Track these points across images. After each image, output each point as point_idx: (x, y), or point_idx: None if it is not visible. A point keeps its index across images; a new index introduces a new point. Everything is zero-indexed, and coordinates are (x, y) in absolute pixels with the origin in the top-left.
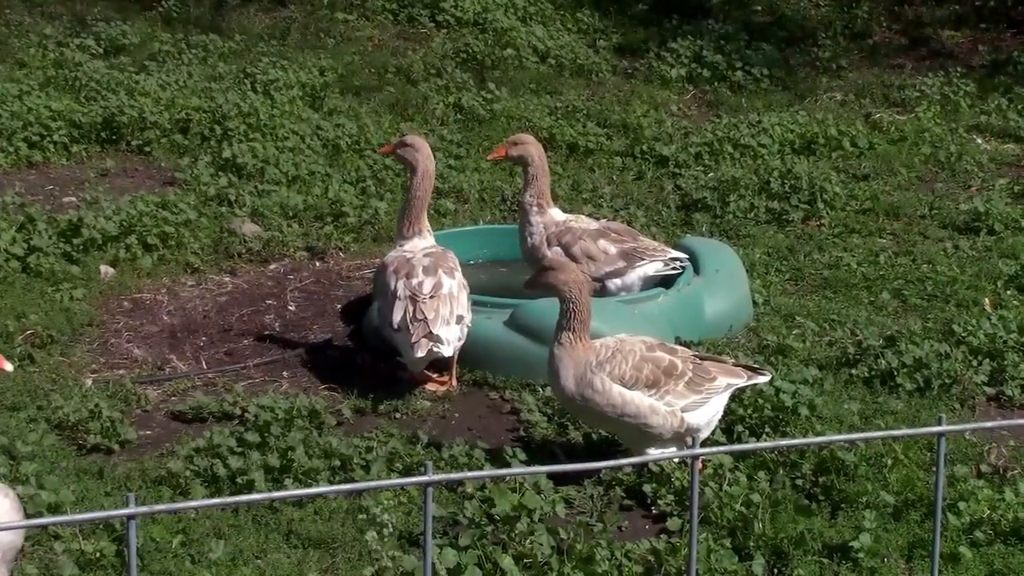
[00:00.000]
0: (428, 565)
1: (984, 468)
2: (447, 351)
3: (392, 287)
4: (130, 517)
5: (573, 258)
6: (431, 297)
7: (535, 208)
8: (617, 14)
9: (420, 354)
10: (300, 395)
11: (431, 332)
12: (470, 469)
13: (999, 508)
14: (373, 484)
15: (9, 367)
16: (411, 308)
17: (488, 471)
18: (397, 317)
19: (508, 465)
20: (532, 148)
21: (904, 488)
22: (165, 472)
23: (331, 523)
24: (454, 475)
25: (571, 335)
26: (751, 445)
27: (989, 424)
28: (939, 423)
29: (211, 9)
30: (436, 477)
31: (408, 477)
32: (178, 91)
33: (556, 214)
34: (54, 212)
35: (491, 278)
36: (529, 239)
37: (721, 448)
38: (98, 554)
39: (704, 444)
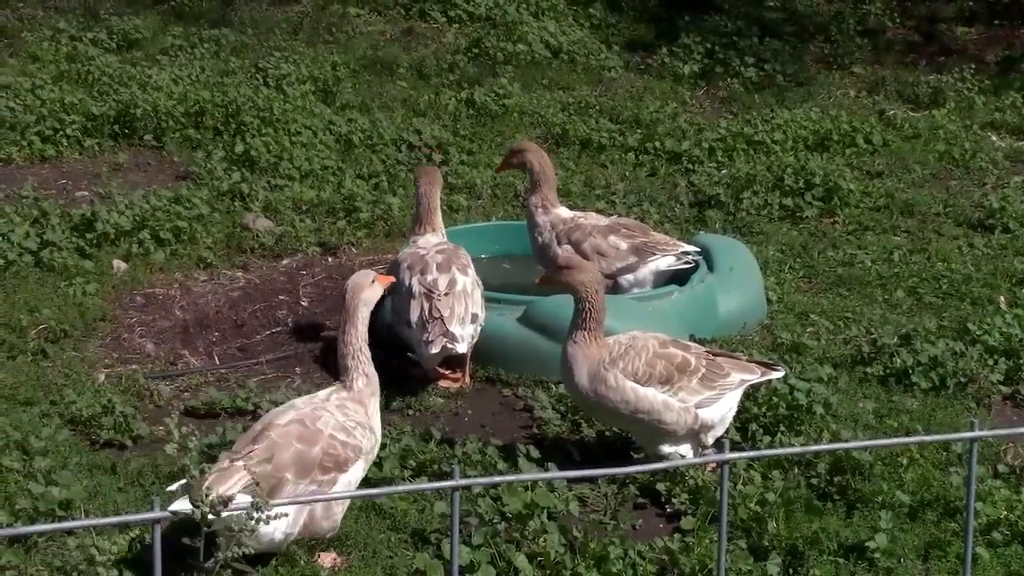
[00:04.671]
0: (455, 568)
1: (1001, 468)
2: (461, 348)
3: (407, 284)
4: (155, 522)
5: (583, 255)
6: (446, 294)
7: (540, 209)
8: (628, 9)
9: (435, 350)
10: (312, 391)
11: (448, 331)
12: (483, 466)
13: (1016, 509)
14: (401, 488)
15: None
16: (427, 305)
17: (515, 475)
18: (415, 315)
19: (518, 462)
20: (533, 155)
21: (920, 488)
22: (177, 468)
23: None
24: (482, 479)
25: (586, 334)
26: (783, 450)
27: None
28: (971, 428)
29: (222, 3)
30: (464, 481)
31: (422, 474)
32: (190, 85)
33: (563, 212)
34: (67, 206)
35: (495, 274)
36: (539, 238)
37: (751, 453)
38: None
39: (720, 443)
